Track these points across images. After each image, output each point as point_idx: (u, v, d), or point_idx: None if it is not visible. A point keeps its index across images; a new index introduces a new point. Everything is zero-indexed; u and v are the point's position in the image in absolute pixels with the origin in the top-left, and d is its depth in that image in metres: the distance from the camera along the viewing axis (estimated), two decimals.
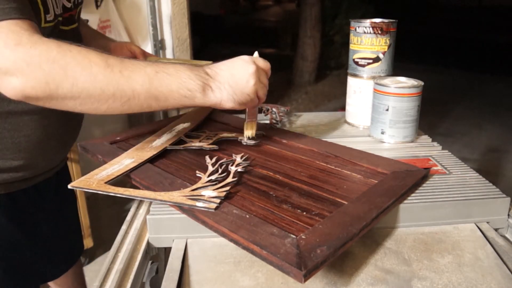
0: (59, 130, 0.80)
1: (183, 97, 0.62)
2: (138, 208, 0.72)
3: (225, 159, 0.73)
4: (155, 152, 0.76)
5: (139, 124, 1.00)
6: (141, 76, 0.59)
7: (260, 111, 1.06)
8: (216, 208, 0.58)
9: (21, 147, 0.74)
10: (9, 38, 0.55)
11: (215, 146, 0.81)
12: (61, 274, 1.01)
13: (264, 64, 0.70)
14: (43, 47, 0.56)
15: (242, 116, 1.04)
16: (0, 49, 0.54)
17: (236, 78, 0.66)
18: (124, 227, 0.67)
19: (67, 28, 0.78)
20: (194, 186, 0.63)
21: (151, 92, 0.60)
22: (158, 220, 0.62)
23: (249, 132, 0.82)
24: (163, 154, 0.78)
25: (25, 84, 0.55)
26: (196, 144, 0.81)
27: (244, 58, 0.68)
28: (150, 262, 0.66)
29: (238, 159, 0.73)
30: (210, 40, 6.59)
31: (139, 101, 0.60)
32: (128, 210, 0.72)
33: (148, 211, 0.65)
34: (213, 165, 0.70)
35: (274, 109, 1.03)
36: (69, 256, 1.03)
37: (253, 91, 0.67)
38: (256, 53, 0.73)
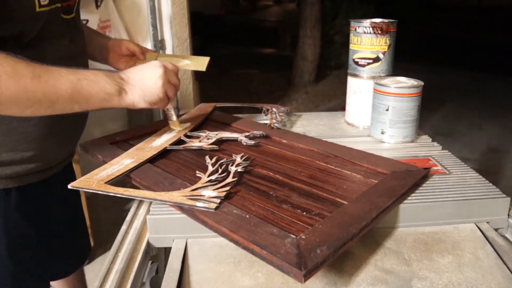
0: (66, 119, 0.81)
1: (102, 100, 0.69)
2: (138, 208, 0.72)
3: (225, 159, 0.73)
4: (155, 152, 0.76)
5: (139, 124, 1.00)
6: (65, 83, 0.66)
7: (260, 111, 1.06)
8: (216, 208, 0.58)
9: (32, 137, 0.76)
10: None
11: (215, 146, 0.81)
12: (70, 273, 1.02)
13: (172, 66, 0.79)
14: None
15: (242, 116, 1.05)
16: None
17: (145, 80, 0.73)
18: (124, 227, 0.67)
19: (68, 17, 0.81)
20: (194, 186, 0.63)
21: (73, 97, 0.67)
22: (158, 220, 0.62)
23: (176, 127, 0.89)
24: (163, 154, 0.78)
25: None
26: (196, 144, 0.81)
27: (153, 62, 0.76)
28: (150, 262, 0.66)
29: (238, 159, 0.73)
30: (210, 40, 6.58)
31: (62, 105, 0.67)
32: (128, 210, 0.72)
33: (148, 211, 0.65)
34: (213, 165, 0.70)
35: (274, 109, 1.03)
36: (78, 255, 1.04)
37: (162, 91, 0.74)
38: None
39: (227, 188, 0.62)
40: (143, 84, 0.73)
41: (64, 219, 0.95)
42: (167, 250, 0.64)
